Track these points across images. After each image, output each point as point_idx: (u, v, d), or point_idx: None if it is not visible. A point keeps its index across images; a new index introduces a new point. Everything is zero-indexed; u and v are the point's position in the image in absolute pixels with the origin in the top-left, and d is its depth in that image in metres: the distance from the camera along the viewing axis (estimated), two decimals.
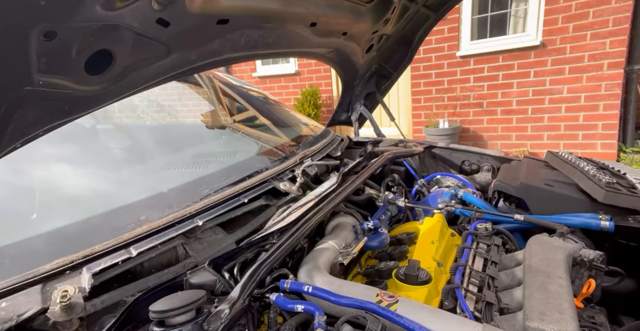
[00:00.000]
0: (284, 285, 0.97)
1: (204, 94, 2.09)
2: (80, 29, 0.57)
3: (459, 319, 0.88)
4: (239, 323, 0.88)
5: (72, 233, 1.13)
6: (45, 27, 0.53)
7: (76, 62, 0.60)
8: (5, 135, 0.60)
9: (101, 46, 0.62)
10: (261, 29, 0.92)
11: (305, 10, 0.95)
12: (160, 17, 0.66)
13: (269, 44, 0.99)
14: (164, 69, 0.78)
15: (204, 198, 1.34)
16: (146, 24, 0.65)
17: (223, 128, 1.98)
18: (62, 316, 0.84)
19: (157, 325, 0.80)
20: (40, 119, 0.64)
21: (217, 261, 1.04)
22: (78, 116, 0.70)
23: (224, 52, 0.89)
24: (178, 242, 1.14)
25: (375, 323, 0.81)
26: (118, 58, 0.66)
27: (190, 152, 1.83)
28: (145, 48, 0.69)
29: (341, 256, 1.17)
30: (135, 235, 1.08)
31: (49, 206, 1.26)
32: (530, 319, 0.95)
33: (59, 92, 0.61)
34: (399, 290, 1.09)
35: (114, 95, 0.72)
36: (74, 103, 0.67)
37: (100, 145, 1.72)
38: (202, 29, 0.78)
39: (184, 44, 0.77)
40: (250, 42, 0.92)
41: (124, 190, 1.44)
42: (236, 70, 8.14)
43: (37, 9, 0.50)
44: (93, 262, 0.97)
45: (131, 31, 0.64)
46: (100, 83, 0.67)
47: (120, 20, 0.61)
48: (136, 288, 1.00)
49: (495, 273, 1.19)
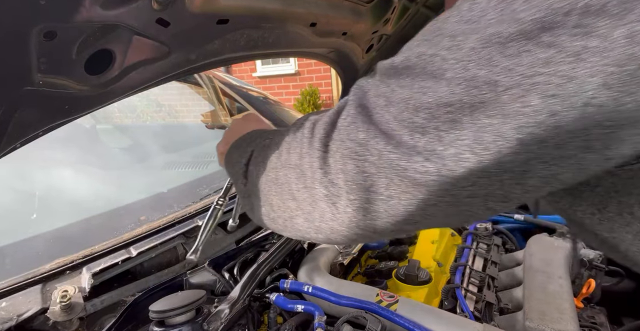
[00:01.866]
0: (284, 285, 0.97)
1: (204, 94, 2.09)
2: (80, 29, 0.57)
3: (459, 319, 0.88)
4: (239, 323, 0.88)
5: (72, 233, 1.13)
6: (45, 27, 0.53)
7: (76, 62, 0.60)
8: (5, 135, 0.60)
9: (101, 46, 0.62)
10: (261, 29, 0.92)
11: (305, 10, 0.95)
12: (160, 17, 0.66)
13: (269, 44, 0.99)
14: (164, 69, 0.78)
15: (204, 198, 1.34)
16: (146, 24, 0.65)
17: (223, 128, 1.98)
18: (62, 316, 0.84)
19: (157, 325, 0.80)
20: (40, 119, 0.64)
21: (217, 261, 1.04)
22: (78, 116, 0.69)
23: (224, 52, 0.89)
24: (178, 242, 1.14)
25: (375, 323, 0.81)
26: (118, 58, 0.66)
27: (190, 152, 1.83)
28: (145, 48, 0.69)
29: (341, 256, 1.17)
30: (135, 235, 1.08)
31: (49, 206, 1.26)
32: (530, 319, 0.95)
33: (59, 92, 0.61)
34: (399, 290, 1.09)
35: (114, 95, 0.72)
36: (74, 103, 0.66)
37: (100, 145, 1.72)
38: (202, 29, 0.78)
39: (184, 44, 0.77)
40: (250, 42, 0.92)
41: (124, 190, 1.45)
42: (236, 70, 8.14)
43: (37, 9, 0.50)
44: (93, 262, 0.97)
45: (131, 31, 0.64)
46: (100, 83, 0.67)
47: (120, 20, 0.61)
48: (136, 288, 1.00)
49: (495, 273, 1.19)
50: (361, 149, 0.43)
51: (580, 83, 0.32)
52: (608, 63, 0.31)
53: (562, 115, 0.33)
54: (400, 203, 0.43)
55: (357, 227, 0.48)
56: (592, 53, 0.32)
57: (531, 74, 0.34)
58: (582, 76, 0.32)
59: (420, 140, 0.39)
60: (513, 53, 0.34)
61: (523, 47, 0.34)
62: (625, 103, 0.32)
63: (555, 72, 0.33)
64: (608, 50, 0.31)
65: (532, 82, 0.34)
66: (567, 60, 0.32)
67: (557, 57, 0.33)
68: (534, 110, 0.34)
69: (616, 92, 0.32)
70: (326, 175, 0.47)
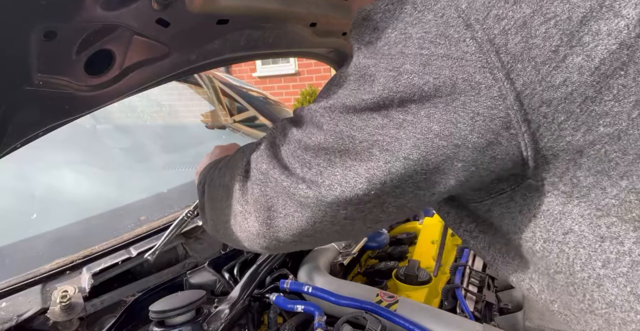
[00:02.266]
0: (284, 285, 0.97)
1: (204, 94, 2.09)
2: (80, 29, 0.57)
3: (459, 319, 0.88)
4: (239, 323, 0.88)
5: (72, 234, 1.13)
6: (45, 27, 0.53)
7: (76, 62, 0.60)
8: (5, 135, 0.60)
9: (101, 46, 0.62)
10: (261, 29, 0.92)
11: (305, 10, 0.95)
12: (160, 17, 0.66)
13: (269, 44, 0.99)
14: (164, 69, 0.78)
15: None
16: (146, 24, 0.65)
17: (223, 128, 1.98)
18: (62, 316, 0.84)
19: (157, 325, 0.80)
20: (40, 119, 0.64)
21: (217, 261, 1.04)
22: (78, 116, 0.69)
23: (224, 52, 0.89)
24: (178, 242, 1.14)
25: (375, 323, 0.81)
26: (118, 58, 0.66)
27: (190, 152, 1.83)
28: (145, 48, 0.69)
29: (341, 256, 1.17)
30: (135, 235, 1.08)
31: (49, 206, 1.26)
32: (530, 319, 0.95)
33: (59, 92, 0.61)
34: (399, 290, 1.09)
35: (114, 95, 0.72)
36: (74, 103, 0.66)
37: (100, 145, 1.72)
38: (202, 29, 0.78)
39: (184, 44, 0.77)
40: (250, 42, 0.92)
41: (124, 190, 1.45)
42: (236, 70, 8.14)
43: (37, 9, 0.50)
44: (93, 262, 0.97)
45: (131, 31, 0.64)
46: (100, 84, 0.67)
47: (120, 20, 0.61)
48: (136, 288, 1.00)
49: (495, 273, 1.19)
50: (264, 177, 0.57)
51: (401, 143, 0.46)
52: (417, 131, 0.45)
53: (392, 163, 0.47)
54: (294, 219, 0.55)
55: (264, 237, 0.60)
56: (408, 124, 0.45)
57: (374, 133, 0.47)
58: (402, 139, 0.46)
59: (308, 172, 0.52)
60: (365, 118, 0.48)
61: (370, 115, 0.48)
62: (430, 158, 0.46)
63: (387, 133, 0.47)
64: (416, 123, 0.45)
65: (374, 139, 0.47)
66: (394, 127, 0.46)
67: (389, 124, 0.46)
68: (376, 158, 0.48)
69: (423, 151, 0.45)
70: (243, 196, 0.60)
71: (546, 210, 0.48)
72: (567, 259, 0.48)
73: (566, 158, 0.45)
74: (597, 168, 0.44)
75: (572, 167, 0.45)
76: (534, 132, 0.44)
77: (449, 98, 0.44)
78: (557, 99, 0.42)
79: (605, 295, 0.46)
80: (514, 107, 0.43)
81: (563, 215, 0.47)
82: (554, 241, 0.49)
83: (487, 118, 0.43)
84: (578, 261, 0.47)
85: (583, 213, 0.46)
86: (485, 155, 0.46)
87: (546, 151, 0.45)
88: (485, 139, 0.45)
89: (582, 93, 0.42)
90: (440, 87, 0.44)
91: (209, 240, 1.22)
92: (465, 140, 0.45)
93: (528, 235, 0.51)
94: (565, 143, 0.44)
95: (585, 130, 0.43)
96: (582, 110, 0.42)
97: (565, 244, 0.48)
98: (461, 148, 0.45)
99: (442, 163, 0.46)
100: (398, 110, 0.46)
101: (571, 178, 0.46)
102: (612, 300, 0.46)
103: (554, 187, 0.47)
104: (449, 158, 0.46)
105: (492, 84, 0.42)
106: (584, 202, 0.46)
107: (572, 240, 0.47)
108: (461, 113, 0.44)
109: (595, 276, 0.46)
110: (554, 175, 0.47)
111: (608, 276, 0.45)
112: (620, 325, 0.46)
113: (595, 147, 0.43)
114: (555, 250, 0.49)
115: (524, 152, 0.45)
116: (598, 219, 0.45)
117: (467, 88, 0.43)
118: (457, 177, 0.48)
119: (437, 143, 0.45)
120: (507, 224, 0.53)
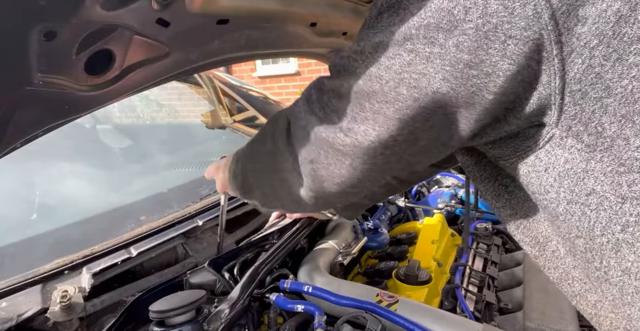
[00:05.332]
0: (284, 285, 0.97)
1: (204, 94, 2.09)
2: (80, 29, 0.57)
3: (459, 319, 0.88)
4: (239, 323, 0.88)
5: (72, 233, 1.13)
6: (45, 27, 0.53)
7: (76, 62, 0.60)
8: (5, 135, 0.60)
9: (101, 46, 0.62)
10: (261, 29, 0.92)
11: (305, 10, 0.95)
12: (160, 17, 0.66)
13: (269, 44, 0.99)
14: (164, 69, 0.78)
15: (204, 198, 1.34)
16: (146, 24, 0.65)
17: (223, 128, 1.98)
18: (62, 316, 0.84)
19: (157, 325, 0.80)
20: (40, 119, 0.64)
21: (217, 261, 1.04)
22: (78, 116, 0.70)
23: (224, 52, 0.89)
24: (178, 242, 1.14)
25: (375, 323, 0.81)
26: (118, 58, 0.66)
27: (190, 152, 1.83)
28: (145, 48, 0.69)
29: (341, 256, 1.17)
30: (135, 235, 1.08)
31: (49, 206, 1.26)
32: (530, 319, 0.95)
33: (59, 92, 0.61)
34: (399, 290, 1.09)
35: (114, 95, 0.72)
36: (74, 103, 0.67)
37: (100, 145, 1.72)
38: (202, 29, 0.78)
39: (184, 44, 0.77)
40: (250, 42, 0.92)
41: (124, 190, 1.45)
42: (236, 70, 8.13)
43: (36, 9, 0.50)
44: (93, 262, 0.97)
45: (131, 31, 0.64)
46: (100, 84, 0.67)
47: (120, 20, 0.61)
48: (136, 288, 1.00)
49: (495, 273, 1.19)
50: (304, 132, 0.60)
51: (430, 78, 0.46)
52: (445, 64, 0.45)
53: (421, 100, 0.48)
54: (335, 168, 0.58)
55: (311, 190, 0.64)
56: (435, 57, 0.45)
57: (400, 71, 0.47)
58: (430, 73, 0.46)
59: (344, 121, 0.54)
60: (391, 56, 0.48)
61: (396, 52, 0.48)
62: (459, 91, 0.46)
63: (414, 70, 0.47)
64: (444, 55, 0.44)
65: (401, 78, 0.48)
66: (420, 62, 0.46)
67: (415, 60, 0.46)
68: (403, 97, 0.48)
69: (453, 84, 0.46)
70: (290, 154, 0.64)
71: (570, 168, 0.48)
72: (589, 222, 0.48)
73: (593, 97, 0.44)
74: (622, 112, 0.43)
75: (598, 110, 0.44)
76: (566, 57, 0.43)
77: (479, 21, 0.42)
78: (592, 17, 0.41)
79: (621, 262, 0.46)
80: (548, 26, 0.41)
81: (586, 174, 0.47)
82: (577, 202, 0.48)
83: (520, 42, 0.42)
84: (599, 225, 0.47)
85: (605, 171, 0.45)
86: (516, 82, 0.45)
87: (574, 84, 0.44)
88: (517, 65, 0.43)
89: (617, 11, 0.40)
90: (471, 9, 0.42)
91: (209, 240, 1.22)
92: (495, 67, 0.44)
93: (552, 196, 0.51)
94: (594, 76, 0.43)
95: (616, 58, 0.42)
96: (614, 33, 0.41)
97: (587, 206, 0.47)
98: (492, 77, 0.44)
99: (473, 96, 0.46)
100: (424, 42, 0.45)
101: (596, 126, 0.45)
102: (628, 266, 0.45)
103: (578, 139, 0.46)
104: (479, 90, 0.46)
105: (527, 2, 0.41)
106: (607, 157, 0.45)
107: (594, 202, 0.47)
108: (492, 38, 0.42)
109: (614, 241, 0.46)
110: (579, 122, 0.46)
111: (626, 241, 0.45)
112: (634, 294, 0.46)
113: (622, 83, 0.42)
114: (577, 212, 0.49)
115: (552, 81, 0.44)
116: (620, 176, 0.44)
117: (500, 9, 0.41)
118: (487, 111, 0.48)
119: (467, 73, 0.44)
120: (532, 184, 0.53)
